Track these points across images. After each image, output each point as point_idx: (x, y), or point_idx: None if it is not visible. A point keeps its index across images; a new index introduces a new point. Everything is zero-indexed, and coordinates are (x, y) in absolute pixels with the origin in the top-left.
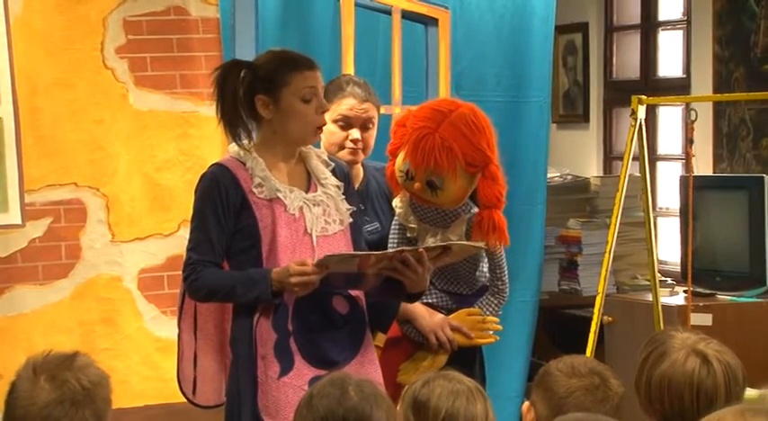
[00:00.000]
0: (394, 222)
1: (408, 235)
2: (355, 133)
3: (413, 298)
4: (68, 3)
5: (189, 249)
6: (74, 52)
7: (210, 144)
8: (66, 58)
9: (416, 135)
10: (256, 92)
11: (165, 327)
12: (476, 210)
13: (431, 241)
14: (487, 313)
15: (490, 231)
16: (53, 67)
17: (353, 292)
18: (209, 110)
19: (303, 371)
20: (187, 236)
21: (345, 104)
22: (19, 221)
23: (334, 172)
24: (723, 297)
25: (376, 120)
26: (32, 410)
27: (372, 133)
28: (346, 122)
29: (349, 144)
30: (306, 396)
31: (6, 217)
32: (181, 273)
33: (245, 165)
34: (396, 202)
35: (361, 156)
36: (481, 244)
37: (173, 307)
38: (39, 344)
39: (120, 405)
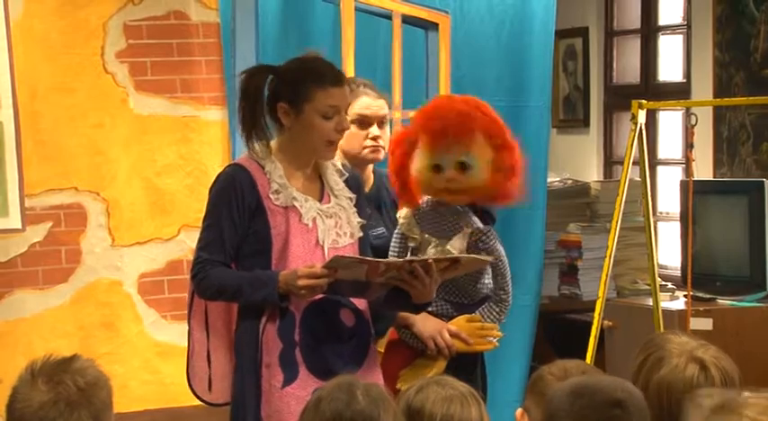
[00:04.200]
0: (396, 232)
1: (410, 245)
2: (375, 130)
3: (419, 308)
4: (68, 7)
5: (199, 248)
6: (74, 57)
7: (211, 148)
8: (67, 62)
9: (431, 123)
10: (279, 99)
11: (166, 332)
12: (479, 224)
13: (431, 252)
14: (488, 320)
15: (510, 195)
16: (53, 72)
17: (360, 306)
18: (209, 114)
19: (307, 382)
20: (187, 240)
21: (361, 103)
22: (19, 226)
23: (347, 182)
24: (723, 302)
25: (388, 118)
26: (28, 412)
27: (387, 131)
28: (364, 121)
29: (369, 142)
30: (313, 399)
31: (6, 221)
32: (189, 271)
33: (263, 168)
34: (400, 214)
35: (382, 154)
36: (489, 258)
37: (173, 311)
38: (39, 348)
39: (119, 409)
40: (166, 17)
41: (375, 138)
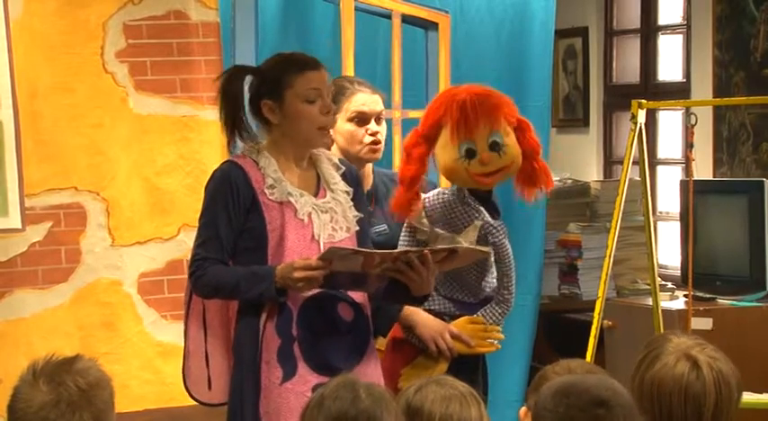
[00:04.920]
0: (405, 226)
1: (419, 238)
2: (374, 126)
3: (417, 301)
4: (68, 7)
5: (197, 246)
6: (74, 56)
7: (211, 148)
8: (66, 62)
9: (452, 107)
10: (261, 97)
11: (166, 332)
12: (488, 218)
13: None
14: (490, 322)
15: (543, 177)
16: (53, 72)
17: (358, 300)
18: (209, 114)
19: (306, 378)
20: (187, 240)
21: (357, 101)
22: (19, 225)
23: (344, 176)
24: (723, 301)
25: (384, 115)
26: (29, 412)
27: (384, 127)
28: (362, 118)
29: (368, 139)
30: (316, 397)
31: (6, 221)
32: (187, 269)
33: (257, 164)
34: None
35: (381, 151)
36: (487, 249)
37: (173, 311)
38: (39, 348)
39: (120, 409)
40: (166, 17)
41: (374, 134)
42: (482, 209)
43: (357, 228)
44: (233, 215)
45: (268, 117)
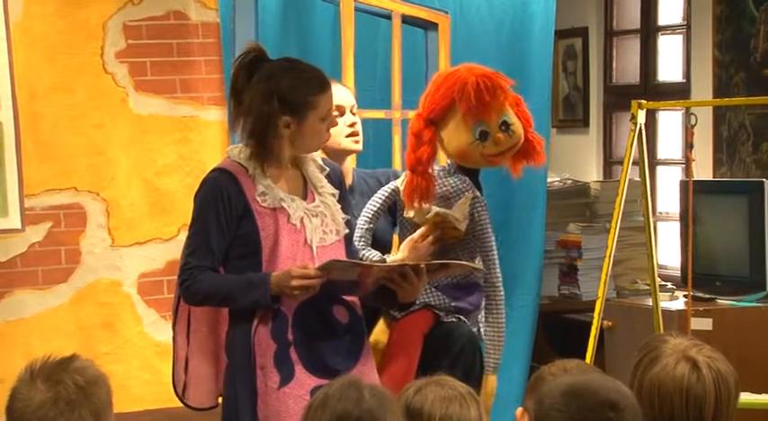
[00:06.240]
0: (390, 187)
1: (406, 216)
2: (351, 117)
3: (403, 307)
4: (68, 8)
5: (187, 254)
6: (74, 57)
7: (210, 148)
8: (66, 62)
9: (467, 90)
10: (283, 114)
11: (165, 332)
12: (477, 191)
13: (434, 210)
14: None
15: (539, 149)
16: (53, 72)
17: (352, 301)
18: (209, 114)
19: (304, 381)
20: None
21: (333, 94)
22: (19, 226)
23: (329, 177)
24: (723, 301)
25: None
26: (27, 412)
27: (359, 120)
28: (340, 111)
29: (348, 130)
30: (319, 396)
31: (6, 221)
32: (177, 277)
33: (247, 171)
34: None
35: (361, 142)
36: (478, 266)
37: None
38: (38, 348)
39: (119, 409)
40: (166, 17)
41: (353, 125)
42: (472, 184)
43: (346, 230)
44: (224, 224)
45: (282, 132)
